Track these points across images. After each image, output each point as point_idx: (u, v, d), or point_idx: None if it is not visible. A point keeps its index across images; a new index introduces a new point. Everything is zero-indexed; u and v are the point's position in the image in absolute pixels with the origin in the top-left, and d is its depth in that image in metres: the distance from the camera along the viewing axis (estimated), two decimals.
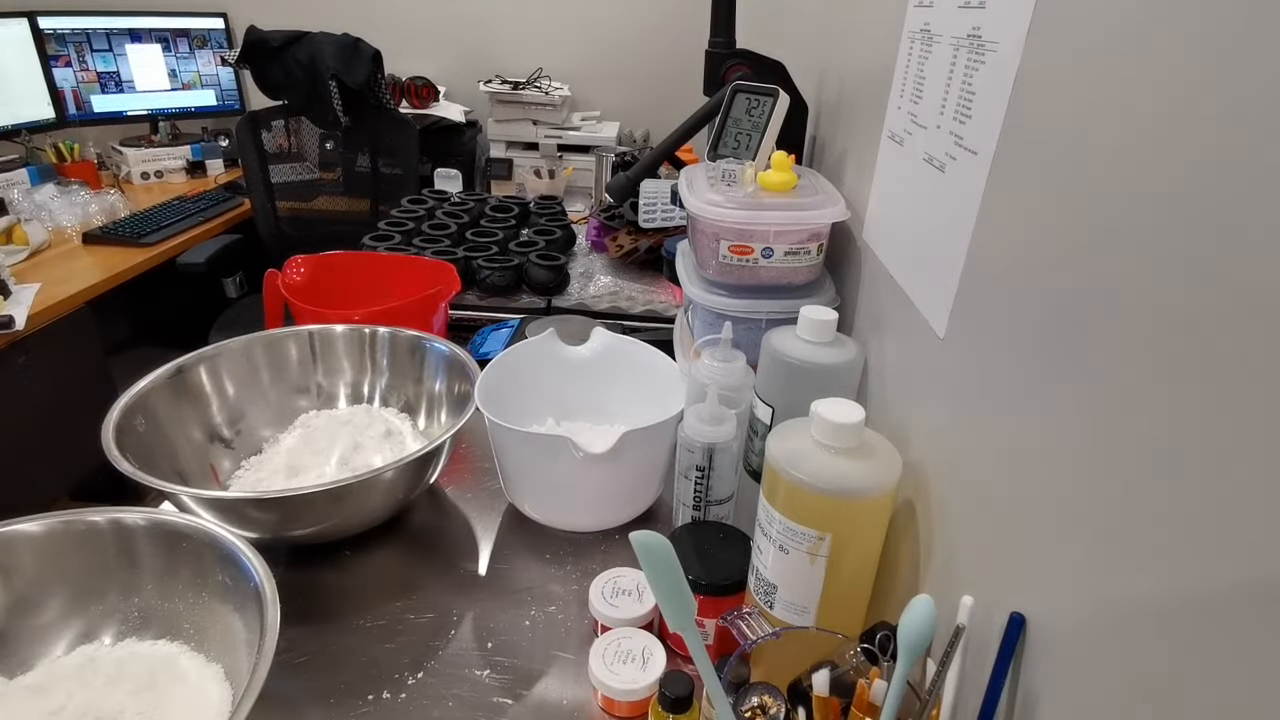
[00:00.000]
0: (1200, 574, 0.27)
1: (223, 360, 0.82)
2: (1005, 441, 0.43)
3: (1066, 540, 0.36)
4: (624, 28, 2.37)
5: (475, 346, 1.10)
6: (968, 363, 0.48)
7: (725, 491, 0.68)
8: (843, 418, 0.50)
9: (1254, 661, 0.25)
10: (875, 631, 0.47)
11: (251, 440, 0.83)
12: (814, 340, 0.62)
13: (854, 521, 0.51)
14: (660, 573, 0.43)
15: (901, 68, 0.64)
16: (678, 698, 0.50)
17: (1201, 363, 0.28)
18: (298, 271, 1.12)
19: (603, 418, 0.84)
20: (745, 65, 0.98)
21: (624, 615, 0.61)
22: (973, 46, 0.49)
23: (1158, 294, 0.30)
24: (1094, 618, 0.34)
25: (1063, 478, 0.37)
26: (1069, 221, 0.37)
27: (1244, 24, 0.26)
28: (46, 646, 0.58)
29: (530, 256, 1.33)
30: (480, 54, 2.43)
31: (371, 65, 1.96)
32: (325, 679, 0.60)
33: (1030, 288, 0.41)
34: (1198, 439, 0.28)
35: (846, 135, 0.87)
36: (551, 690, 0.60)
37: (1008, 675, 0.40)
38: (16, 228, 1.73)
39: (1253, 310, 0.25)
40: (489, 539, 0.77)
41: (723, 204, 0.71)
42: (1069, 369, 0.37)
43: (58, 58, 2.21)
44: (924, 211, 0.57)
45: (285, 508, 0.65)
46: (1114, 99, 0.34)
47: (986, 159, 0.46)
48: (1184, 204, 0.29)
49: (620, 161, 1.76)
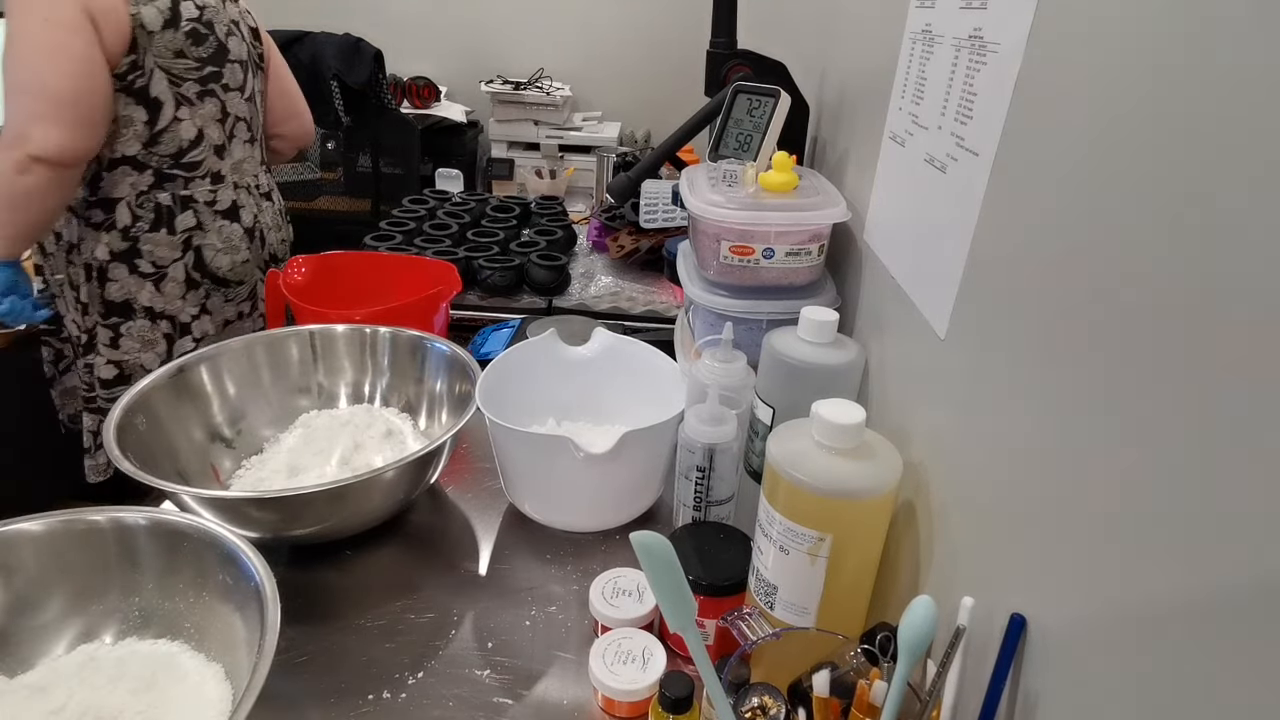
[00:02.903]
0: (1200, 574, 0.27)
1: (224, 360, 0.82)
2: (1006, 442, 0.43)
3: (1067, 541, 0.36)
4: (625, 28, 2.37)
5: (476, 346, 1.10)
6: (969, 364, 0.48)
7: (726, 492, 0.67)
8: (843, 418, 0.50)
9: (1254, 662, 0.25)
10: (875, 632, 0.47)
11: (252, 440, 0.83)
12: (815, 341, 0.62)
13: (854, 522, 0.51)
14: (660, 573, 0.43)
15: (903, 68, 0.64)
16: (678, 698, 0.50)
17: (1202, 363, 0.28)
18: (299, 271, 1.12)
19: (603, 418, 0.84)
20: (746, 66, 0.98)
21: (624, 615, 0.61)
22: (974, 47, 0.49)
23: (1158, 294, 0.30)
24: (1094, 619, 0.34)
25: (1064, 478, 0.37)
26: (1070, 222, 0.37)
27: (1245, 25, 0.26)
28: (47, 646, 0.58)
29: (531, 257, 1.33)
30: (481, 54, 2.43)
31: (373, 65, 1.96)
32: (325, 679, 0.60)
33: (1031, 289, 0.41)
34: (1199, 439, 0.28)
35: (848, 136, 0.87)
36: (551, 690, 0.60)
37: (1008, 676, 0.40)
38: None
39: (1254, 311, 0.25)
40: (489, 539, 0.77)
41: (724, 204, 0.71)
42: (1070, 370, 0.37)
43: None
44: (925, 212, 0.57)
45: (286, 507, 0.65)
46: (1115, 100, 0.34)
47: (988, 160, 0.46)
48: (1185, 204, 0.29)
49: (621, 162, 1.77)
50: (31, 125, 1.00)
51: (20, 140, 1.00)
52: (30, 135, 1.00)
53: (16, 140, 1.00)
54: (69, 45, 1.00)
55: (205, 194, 1.21)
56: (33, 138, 1.00)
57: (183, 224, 1.19)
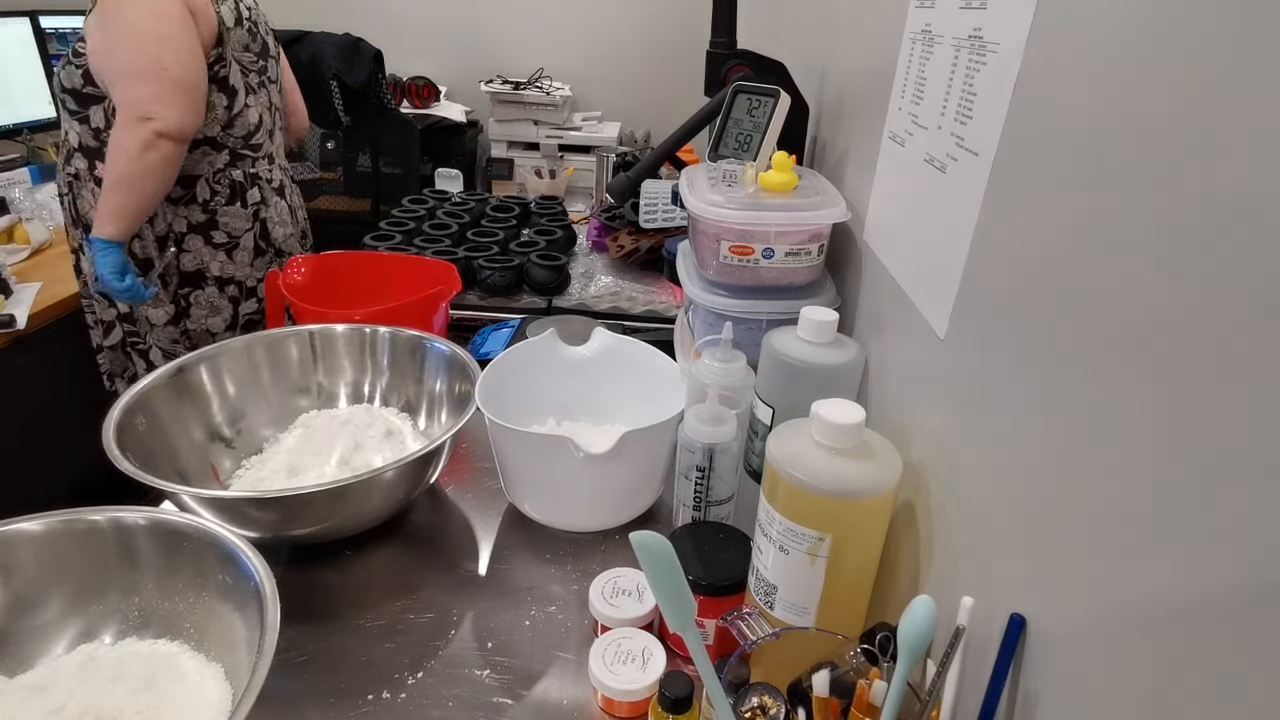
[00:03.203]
0: (1200, 575, 0.27)
1: (223, 360, 0.82)
2: (1005, 442, 0.43)
3: (1067, 541, 0.36)
4: (625, 28, 2.37)
5: (476, 346, 1.10)
6: (968, 363, 0.48)
7: (725, 492, 0.67)
8: (843, 418, 0.50)
9: (1254, 662, 0.25)
10: (875, 632, 0.47)
11: (252, 440, 0.83)
12: (814, 341, 0.62)
13: (854, 522, 0.51)
14: (660, 573, 0.43)
15: (903, 68, 0.64)
16: (678, 698, 0.50)
17: (1202, 363, 0.28)
18: (299, 271, 1.12)
19: (603, 418, 0.84)
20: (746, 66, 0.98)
21: (624, 615, 0.61)
22: (974, 47, 0.49)
23: (1158, 294, 0.30)
24: (1094, 619, 0.34)
25: (1064, 479, 0.37)
26: (1070, 222, 0.37)
27: (1245, 24, 0.26)
28: (47, 645, 0.58)
29: (531, 256, 1.33)
30: (481, 54, 2.43)
31: (372, 65, 1.96)
32: (325, 679, 0.60)
33: (1031, 289, 0.41)
34: (1199, 440, 0.28)
35: (847, 136, 0.87)
36: (551, 690, 0.60)
37: (1008, 676, 0.40)
38: (18, 227, 1.73)
39: (1254, 311, 0.25)
40: (489, 539, 0.77)
41: (724, 204, 0.71)
42: (1070, 370, 0.37)
43: (59, 57, 2.21)
44: (925, 212, 0.57)
45: (285, 507, 0.65)
46: (1115, 100, 0.34)
47: (988, 160, 0.46)
48: (1185, 204, 0.29)
49: (621, 162, 1.77)
50: (154, 105, 1.12)
51: (144, 120, 1.11)
52: (156, 113, 1.12)
53: (142, 120, 1.12)
54: (179, 35, 1.13)
55: (265, 172, 1.36)
56: (159, 115, 1.12)
57: (251, 199, 1.33)
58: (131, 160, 1.12)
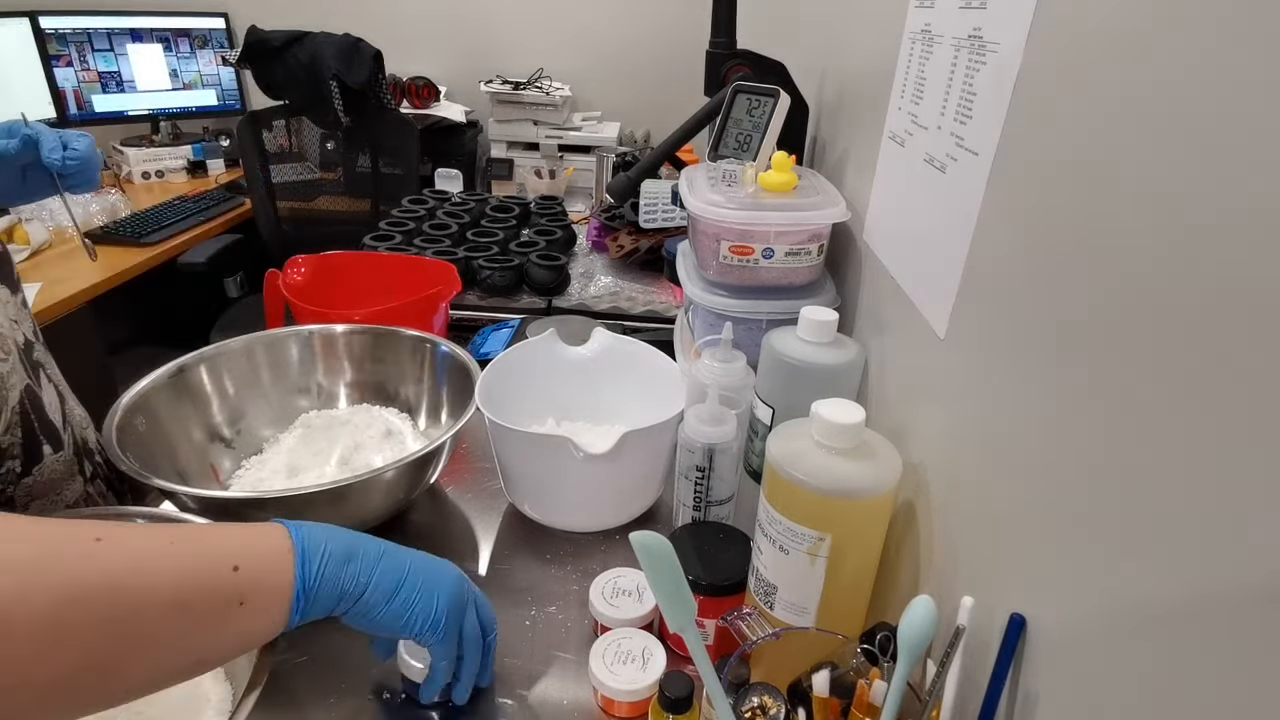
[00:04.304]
0: (1200, 575, 0.27)
1: (223, 360, 0.82)
2: (1006, 442, 0.43)
3: (1067, 541, 0.36)
4: (625, 28, 2.37)
5: (475, 346, 1.10)
6: (968, 363, 0.48)
7: (725, 492, 0.68)
8: (843, 418, 0.50)
9: (1254, 662, 0.25)
10: (875, 632, 0.47)
11: (252, 440, 0.83)
12: (814, 341, 0.62)
13: (854, 522, 0.51)
14: (660, 573, 0.43)
15: (902, 68, 0.64)
16: (678, 698, 0.50)
17: (1202, 363, 0.28)
18: (298, 271, 1.12)
19: (603, 418, 0.84)
20: (746, 66, 0.98)
21: (624, 615, 0.61)
22: (974, 47, 0.49)
23: (1158, 294, 0.30)
24: (1094, 618, 0.34)
25: (1063, 478, 0.37)
26: (1070, 222, 0.37)
27: (1245, 24, 0.26)
28: None
29: (531, 257, 1.33)
30: (481, 54, 2.43)
31: (372, 65, 1.96)
32: (325, 679, 0.60)
33: (1031, 288, 0.41)
34: (1198, 439, 0.28)
35: (847, 136, 0.87)
36: (551, 690, 0.60)
37: (1008, 676, 0.40)
38: (17, 227, 1.73)
39: (1254, 311, 0.25)
40: (489, 539, 0.77)
41: (723, 204, 0.71)
42: (1069, 369, 0.37)
43: (59, 57, 2.22)
44: (925, 212, 0.57)
45: (285, 508, 0.65)
46: (1115, 100, 0.34)
47: (987, 160, 0.46)
48: (1185, 204, 0.29)
49: (621, 162, 1.77)
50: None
51: None
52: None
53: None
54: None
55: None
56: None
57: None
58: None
